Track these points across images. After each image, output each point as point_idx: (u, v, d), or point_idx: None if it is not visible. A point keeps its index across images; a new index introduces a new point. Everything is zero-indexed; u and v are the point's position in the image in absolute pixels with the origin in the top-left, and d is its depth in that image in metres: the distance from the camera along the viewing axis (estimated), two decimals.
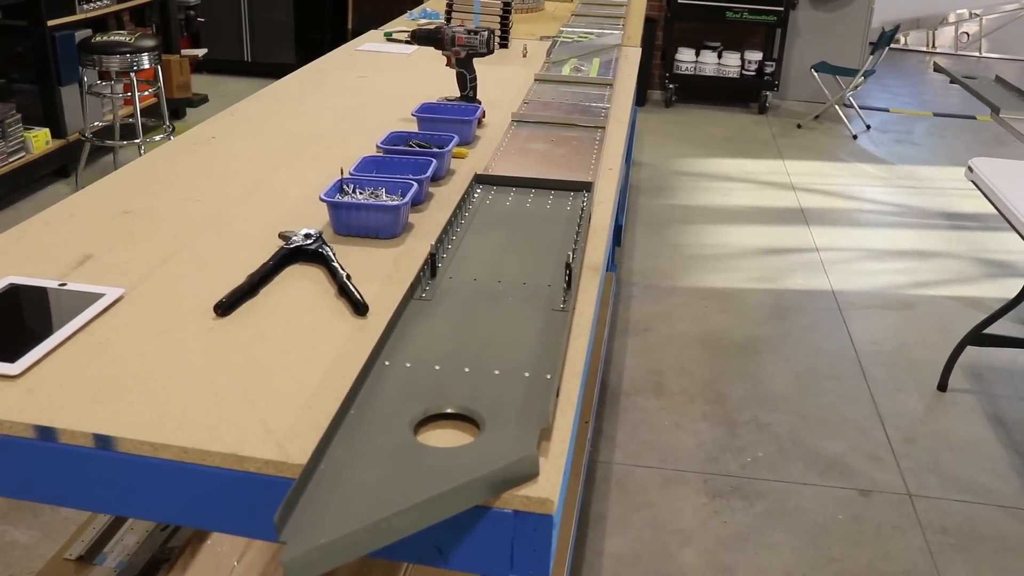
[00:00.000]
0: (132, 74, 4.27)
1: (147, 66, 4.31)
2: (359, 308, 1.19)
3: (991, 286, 3.92)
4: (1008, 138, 6.20)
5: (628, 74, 2.68)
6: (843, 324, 3.50)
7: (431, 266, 1.25)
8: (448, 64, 2.07)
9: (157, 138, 4.54)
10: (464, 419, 0.96)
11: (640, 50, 3.09)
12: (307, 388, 1.03)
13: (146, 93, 4.75)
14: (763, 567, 2.23)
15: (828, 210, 4.77)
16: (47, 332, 1.12)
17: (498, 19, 2.98)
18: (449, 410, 0.96)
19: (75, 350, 1.09)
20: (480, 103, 2.08)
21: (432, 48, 2.11)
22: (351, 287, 1.22)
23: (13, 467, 0.97)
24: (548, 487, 0.88)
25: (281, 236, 1.39)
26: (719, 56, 6.67)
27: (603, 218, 1.55)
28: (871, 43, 6.43)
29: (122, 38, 4.27)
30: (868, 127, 6.43)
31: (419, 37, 2.05)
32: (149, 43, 4.30)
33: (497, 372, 1.02)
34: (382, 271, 1.32)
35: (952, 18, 9.67)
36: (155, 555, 1.67)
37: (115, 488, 0.96)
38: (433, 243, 1.27)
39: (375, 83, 2.47)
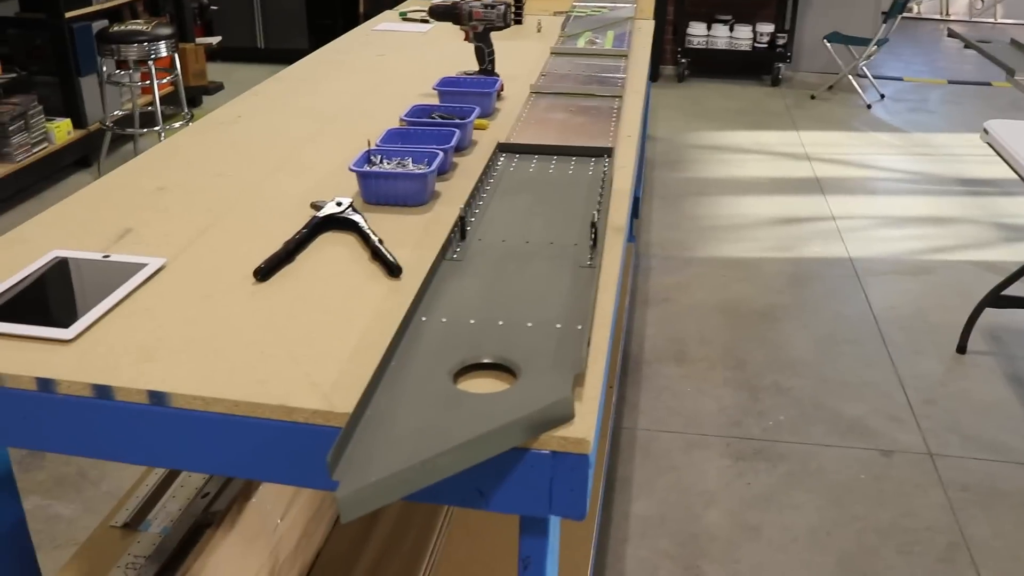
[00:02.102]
0: (150, 62, 4.32)
1: (164, 54, 4.36)
2: (393, 270, 1.23)
3: (1008, 250, 3.93)
4: None
5: (642, 46, 2.70)
6: (861, 290, 3.52)
7: (461, 228, 1.29)
8: (466, 38, 2.11)
9: (176, 125, 4.60)
10: (500, 368, 1.00)
11: (653, 22, 3.11)
12: (347, 344, 1.07)
13: (164, 81, 4.80)
14: (788, 525, 2.27)
15: (844, 179, 4.77)
16: (96, 300, 1.16)
17: None
18: (486, 360, 1.00)
19: (124, 315, 1.14)
20: (499, 76, 2.11)
21: (449, 24, 2.15)
22: (384, 251, 1.27)
23: (72, 425, 1.02)
24: (583, 428, 0.92)
25: (313, 206, 1.43)
26: (731, 29, 6.66)
27: (624, 182, 1.59)
28: (883, 12, 6.40)
29: (139, 27, 4.32)
30: (882, 96, 6.41)
31: (437, 13, 2.08)
32: (166, 31, 4.34)
33: (530, 324, 1.06)
34: (412, 236, 1.37)
35: None
36: (197, 520, 1.72)
37: (169, 442, 1.01)
38: (462, 207, 1.31)
39: (393, 61, 2.51)
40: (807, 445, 2.59)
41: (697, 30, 6.68)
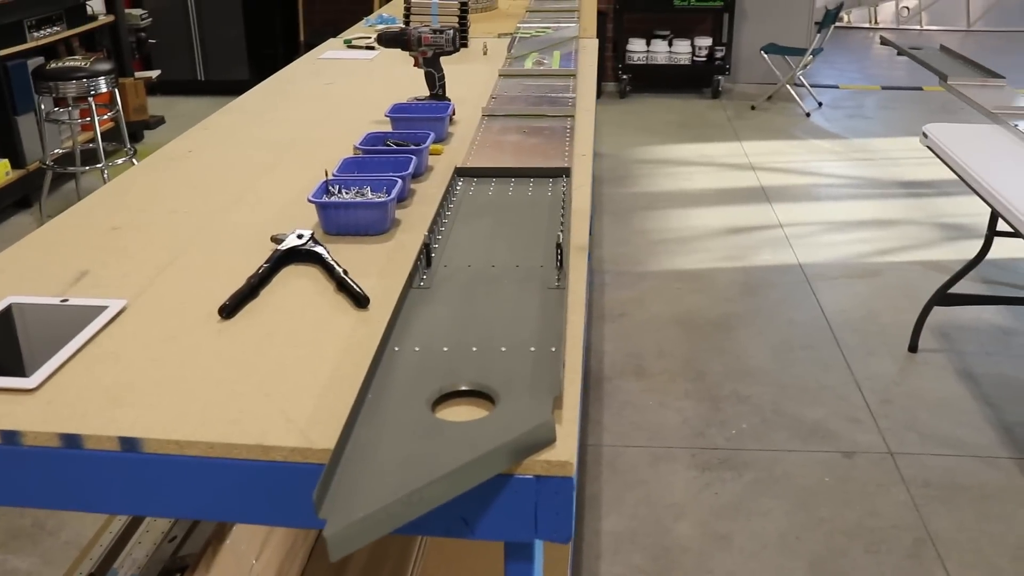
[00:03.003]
0: (90, 99, 4.25)
1: (104, 90, 4.29)
2: (360, 301, 1.22)
3: (951, 249, 4.03)
4: (955, 106, 6.35)
5: (589, 64, 2.73)
6: (812, 295, 3.59)
7: (426, 256, 1.29)
8: (416, 64, 2.11)
9: (119, 161, 4.52)
10: (478, 395, 1.00)
11: (597, 41, 3.15)
12: (320, 378, 1.06)
13: (104, 117, 4.72)
14: (757, 532, 2.29)
15: (788, 187, 4.86)
16: (57, 346, 1.14)
17: (456, 19, 3.02)
18: (463, 387, 0.99)
19: (87, 361, 1.11)
20: (450, 101, 2.12)
21: (396, 51, 2.15)
22: (350, 281, 1.26)
23: (40, 477, 0.99)
24: (566, 451, 0.92)
25: (273, 239, 1.42)
26: (670, 44, 6.76)
27: (582, 201, 1.60)
28: (816, 23, 6.55)
29: (77, 63, 4.25)
30: (820, 104, 6.56)
31: (385, 40, 2.08)
32: (105, 67, 4.28)
33: (504, 349, 1.06)
34: (375, 265, 1.36)
35: None
36: (166, 566, 1.69)
37: (144, 489, 0.98)
38: (426, 233, 1.31)
39: (342, 89, 2.50)
40: (771, 451, 2.62)
41: (637, 46, 6.77)
